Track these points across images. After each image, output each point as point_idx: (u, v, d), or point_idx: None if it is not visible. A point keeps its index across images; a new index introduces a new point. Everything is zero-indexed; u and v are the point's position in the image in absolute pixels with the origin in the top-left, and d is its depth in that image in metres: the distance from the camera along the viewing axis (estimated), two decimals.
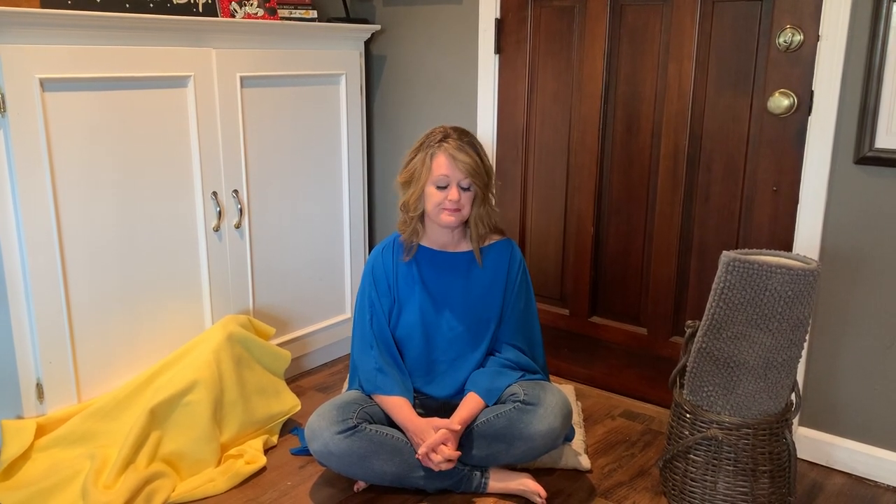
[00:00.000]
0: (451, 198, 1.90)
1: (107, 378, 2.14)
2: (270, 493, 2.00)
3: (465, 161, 1.89)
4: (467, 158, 1.90)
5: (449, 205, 1.91)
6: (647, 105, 2.35)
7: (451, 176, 1.90)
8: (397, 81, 2.86)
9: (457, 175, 1.90)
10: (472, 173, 1.91)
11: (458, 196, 1.91)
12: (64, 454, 1.96)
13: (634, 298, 2.51)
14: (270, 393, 2.26)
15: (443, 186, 1.91)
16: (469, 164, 1.90)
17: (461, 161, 1.89)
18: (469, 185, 1.92)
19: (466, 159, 1.90)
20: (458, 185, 1.91)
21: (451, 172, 1.90)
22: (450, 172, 1.90)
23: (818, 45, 1.99)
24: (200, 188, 2.27)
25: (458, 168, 1.90)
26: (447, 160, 1.90)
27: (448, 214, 1.93)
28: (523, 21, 2.54)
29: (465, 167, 1.89)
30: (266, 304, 2.54)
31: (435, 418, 1.93)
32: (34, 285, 1.94)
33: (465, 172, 1.90)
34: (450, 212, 1.92)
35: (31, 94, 1.86)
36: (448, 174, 1.90)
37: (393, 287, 2.05)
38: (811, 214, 2.07)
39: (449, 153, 1.90)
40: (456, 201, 1.91)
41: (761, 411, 1.81)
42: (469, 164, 1.90)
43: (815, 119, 2.02)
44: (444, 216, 1.93)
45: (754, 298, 1.73)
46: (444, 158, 1.90)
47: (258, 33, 2.37)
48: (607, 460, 2.17)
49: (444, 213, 1.93)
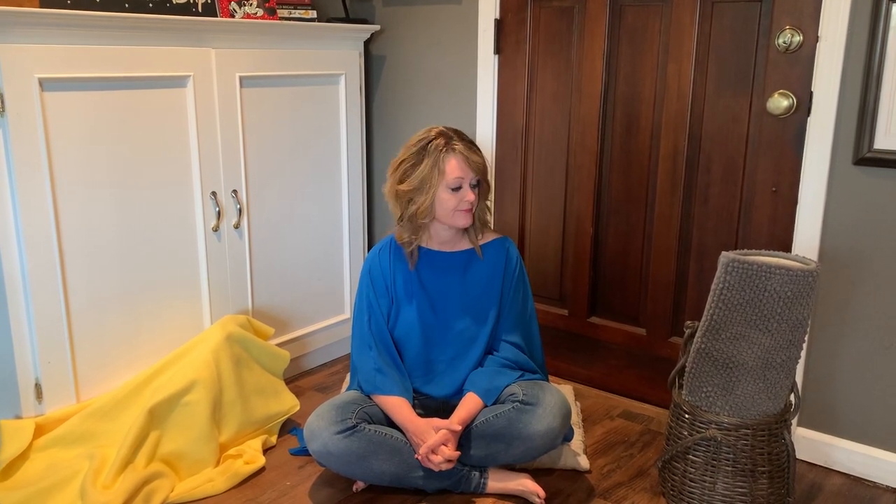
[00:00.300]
0: (468, 199, 1.93)
1: (105, 378, 2.13)
2: (269, 493, 2.00)
3: (476, 161, 1.92)
4: (479, 158, 1.93)
5: (465, 206, 1.93)
6: (647, 105, 2.35)
7: (465, 177, 1.92)
8: (397, 82, 2.86)
9: (469, 175, 1.92)
10: (482, 171, 1.94)
11: (474, 196, 1.94)
12: (62, 454, 1.96)
13: (633, 299, 2.51)
14: (269, 393, 2.26)
15: (456, 189, 1.92)
16: (480, 163, 1.94)
17: (474, 161, 1.92)
18: (478, 183, 1.96)
19: (478, 159, 1.93)
20: (470, 185, 1.93)
21: (465, 174, 1.92)
22: (464, 175, 1.92)
23: (817, 45, 2.00)
24: (199, 188, 2.27)
25: (472, 168, 1.92)
26: (460, 162, 1.91)
27: (464, 216, 1.95)
28: (523, 21, 2.54)
29: (477, 167, 1.93)
30: (265, 304, 2.53)
31: (434, 419, 1.93)
32: (33, 285, 1.94)
33: (477, 171, 1.93)
34: (466, 212, 1.95)
35: (30, 93, 1.86)
36: (462, 176, 1.92)
37: (391, 288, 2.05)
38: (810, 215, 2.07)
39: (463, 154, 1.91)
40: (472, 202, 1.93)
41: (760, 412, 1.81)
42: (480, 164, 1.94)
43: (815, 120, 2.02)
44: (460, 219, 1.95)
45: (753, 299, 1.73)
46: (457, 161, 1.91)
47: (257, 33, 2.37)
48: (606, 461, 2.17)
49: (461, 215, 1.94)
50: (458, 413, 1.94)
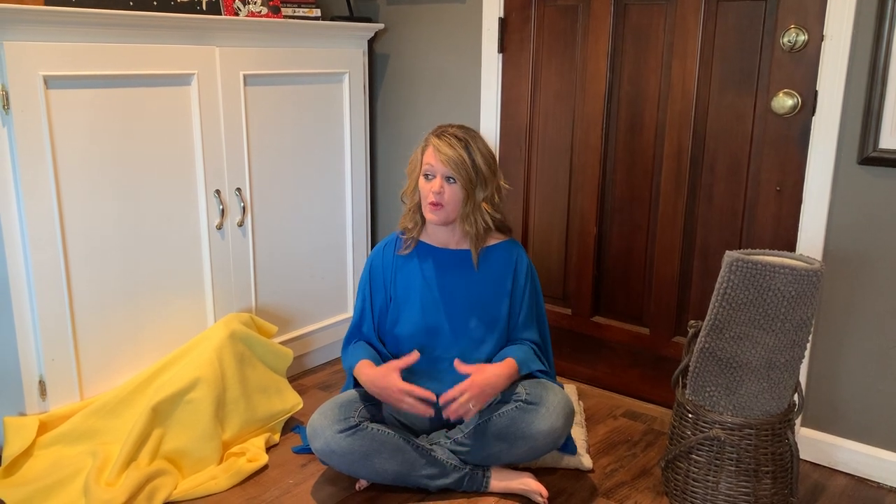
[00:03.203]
0: (433, 189, 1.93)
1: (109, 376, 2.14)
2: (272, 492, 2.00)
3: (446, 153, 1.91)
4: (449, 151, 1.91)
5: (431, 197, 1.93)
6: (651, 104, 2.34)
7: (434, 167, 1.93)
8: (400, 80, 2.86)
9: (440, 167, 1.92)
10: (454, 166, 1.91)
11: (440, 187, 1.92)
12: (66, 451, 1.97)
13: (637, 298, 2.50)
14: (272, 391, 2.26)
15: (429, 178, 1.94)
16: (450, 156, 1.91)
17: (443, 153, 1.91)
18: (453, 180, 1.93)
19: (448, 151, 1.91)
20: (442, 178, 1.93)
21: (434, 164, 1.93)
22: (434, 164, 1.93)
23: (822, 45, 1.99)
24: (203, 186, 2.27)
25: (441, 160, 1.91)
26: (433, 151, 1.93)
27: (430, 210, 1.95)
28: (527, 20, 2.54)
29: (446, 159, 1.91)
30: (268, 302, 2.54)
31: (392, 361, 1.93)
32: (37, 282, 1.94)
33: (447, 164, 1.91)
34: (432, 206, 1.94)
35: (34, 91, 1.87)
36: (433, 164, 1.93)
37: (389, 284, 2.06)
38: (815, 215, 2.07)
39: (434, 145, 1.93)
40: (438, 192, 1.92)
41: (764, 412, 1.81)
42: (450, 157, 1.91)
43: (819, 119, 2.02)
44: (428, 211, 1.96)
45: (757, 298, 1.72)
46: (432, 149, 1.94)
47: (262, 31, 2.37)
48: (609, 460, 2.17)
49: (429, 208, 1.95)
50: (481, 372, 1.89)
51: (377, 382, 1.90)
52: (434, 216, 1.95)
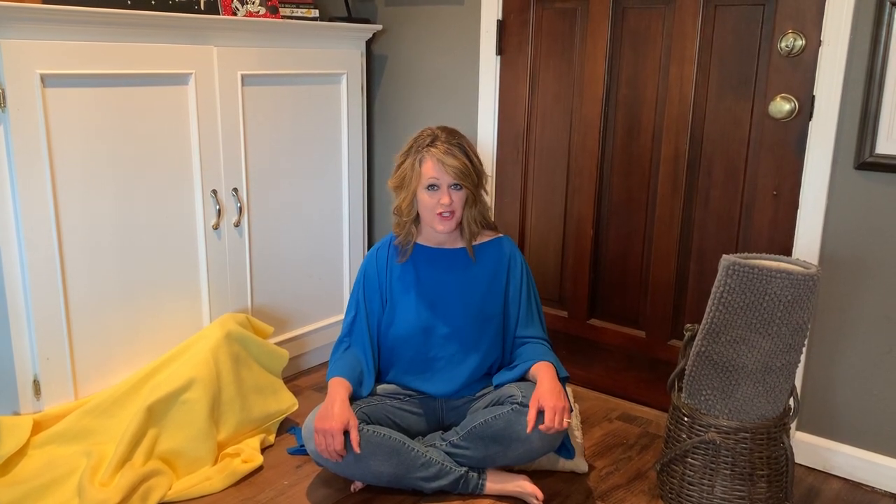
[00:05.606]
0: (443, 202, 1.91)
1: (104, 375, 2.13)
2: (267, 492, 2.00)
3: (453, 165, 1.89)
4: (455, 162, 1.89)
5: (442, 209, 1.91)
6: (648, 108, 2.35)
7: (440, 179, 1.91)
8: (398, 81, 2.86)
9: (446, 178, 1.91)
10: (461, 176, 1.91)
11: (450, 200, 1.91)
12: (60, 451, 1.96)
13: (633, 301, 2.50)
14: (268, 392, 2.26)
15: (434, 190, 1.92)
16: (457, 167, 1.90)
17: (450, 165, 1.89)
18: (460, 187, 1.93)
19: (454, 163, 1.89)
20: (449, 187, 1.92)
21: (440, 176, 1.90)
22: (439, 176, 1.90)
23: (820, 50, 2.00)
24: (200, 186, 2.26)
25: (447, 172, 1.90)
26: (435, 164, 1.90)
27: (441, 221, 1.93)
28: (525, 23, 2.54)
29: (453, 171, 1.90)
30: (264, 302, 2.53)
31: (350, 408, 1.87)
32: (32, 281, 1.93)
33: (455, 176, 1.90)
34: (443, 218, 1.93)
35: (31, 89, 1.86)
36: (437, 177, 1.90)
37: (385, 288, 2.06)
38: (811, 219, 2.07)
39: (437, 157, 1.90)
40: (448, 205, 1.91)
41: (759, 415, 1.81)
42: (457, 168, 1.90)
43: (816, 124, 2.02)
44: (437, 224, 1.94)
45: (754, 302, 1.73)
46: (433, 163, 1.90)
47: (260, 31, 2.36)
48: (605, 463, 2.17)
49: (438, 220, 1.93)
50: (542, 383, 1.86)
51: (329, 406, 1.87)
52: (444, 227, 1.94)
